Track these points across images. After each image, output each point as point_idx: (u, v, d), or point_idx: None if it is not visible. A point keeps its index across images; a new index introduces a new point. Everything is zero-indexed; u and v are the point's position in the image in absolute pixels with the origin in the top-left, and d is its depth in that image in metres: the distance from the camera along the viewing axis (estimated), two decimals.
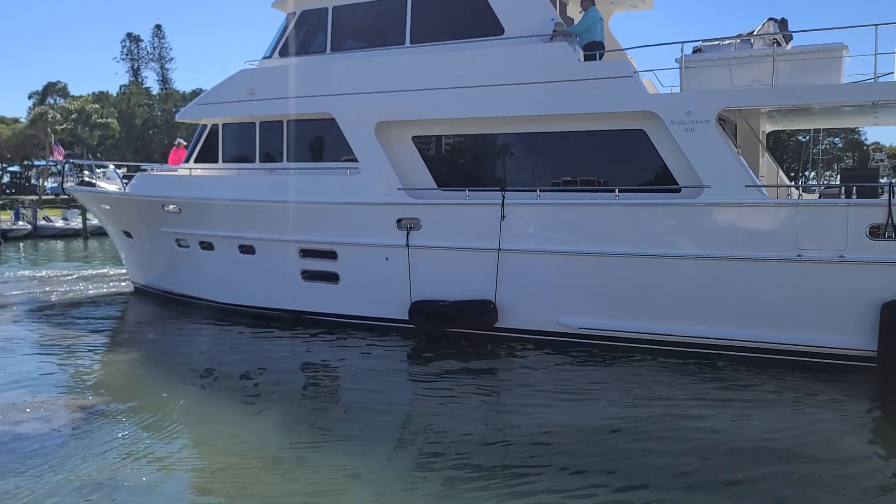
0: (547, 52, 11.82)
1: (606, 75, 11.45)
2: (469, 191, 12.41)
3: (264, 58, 14.49)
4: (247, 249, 14.40)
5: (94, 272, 23.66)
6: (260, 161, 14.43)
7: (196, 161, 15.36)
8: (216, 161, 15.04)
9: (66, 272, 23.59)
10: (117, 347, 12.82)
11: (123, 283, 19.96)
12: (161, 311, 15.81)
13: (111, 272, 23.38)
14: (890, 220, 9.67)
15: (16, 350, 12.37)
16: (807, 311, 10.23)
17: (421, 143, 13.10)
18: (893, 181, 10.11)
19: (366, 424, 8.48)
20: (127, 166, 17.75)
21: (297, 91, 13.61)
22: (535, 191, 11.95)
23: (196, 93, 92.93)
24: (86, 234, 46.67)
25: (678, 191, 11.21)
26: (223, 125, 14.93)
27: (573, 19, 13.53)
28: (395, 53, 13.07)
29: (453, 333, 12.46)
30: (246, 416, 8.84)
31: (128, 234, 17.21)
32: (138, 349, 12.49)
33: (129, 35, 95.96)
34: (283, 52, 14.21)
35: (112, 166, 17.60)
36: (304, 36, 14.11)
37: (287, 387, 10.21)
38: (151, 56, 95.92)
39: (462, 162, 13.05)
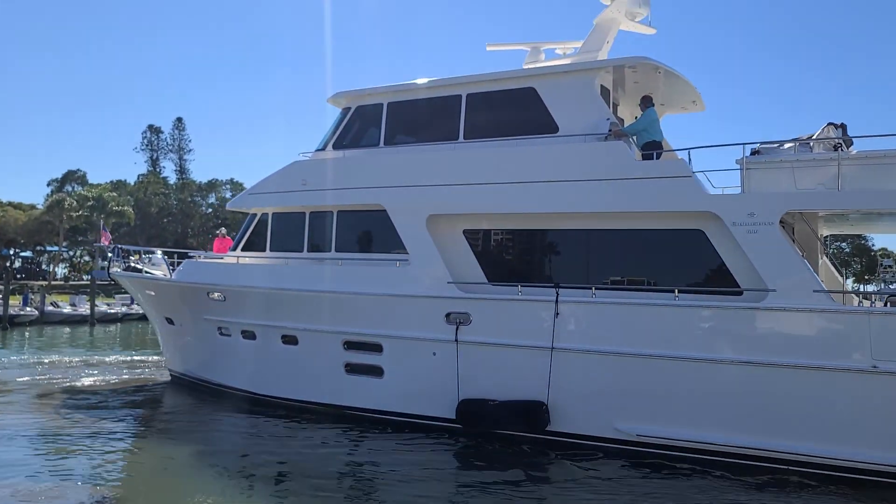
0: (604, 150, 11.89)
1: (665, 174, 11.46)
2: (521, 286, 12.21)
3: (318, 150, 14.67)
4: (289, 340, 14.08)
5: (117, 358, 23.24)
6: (308, 251, 14.34)
7: (243, 249, 15.30)
8: (263, 250, 14.96)
9: (82, 358, 23.17)
10: (145, 439, 12.32)
11: (126, 371, 19.55)
12: (196, 401, 15.32)
13: (127, 359, 22.96)
14: None
15: (30, 436, 11.97)
16: (886, 426, 9.76)
17: (472, 236, 13.02)
18: None
19: None
20: (171, 253, 17.67)
21: (350, 182, 13.70)
22: (591, 288, 11.73)
23: (211, 183, 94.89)
24: (93, 320, 46.29)
25: (740, 293, 10.97)
26: (273, 214, 14.94)
27: (623, 119, 13.74)
28: (449, 148, 13.20)
29: (502, 435, 11.95)
30: None
31: (169, 321, 16.94)
32: (169, 441, 12.02)
33: (150, 127, 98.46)
34: (337, 145, 14.40)
35: (160, 252, 17.55)
36: (358, 130, 14.33)
37: (324, 486, 9.69)
38: (171, 147, 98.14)
39: (514, 257, 12.91)
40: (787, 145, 11.57)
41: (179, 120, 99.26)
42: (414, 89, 13.87)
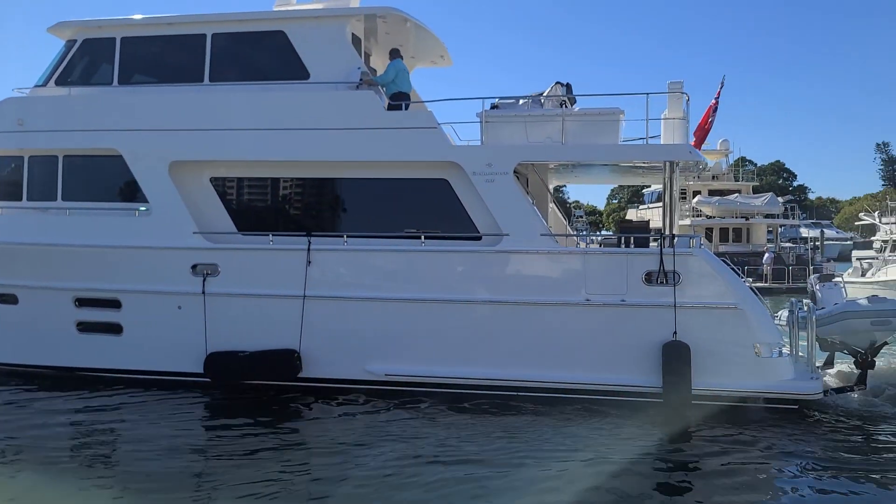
0: (353, 99, 11.94)
1: (411, 125, 11.80)
2: (273, 235, 12.01)
3: (37, 86, 13.00)
4: (7, 299, 12.60)
5: None
6: (28, 199, 12.77)
7: None
8: None
9: None
10: None
11: None
12: None
13: None
14: (661, 268, 10.87)
15: None
16: (598, 351, 11.03)
17: (220, 184, 12.47)
18: (665, 233, 11.38)
19: (148, 492, 7.70)
20: None
21: (79, 124, 12.38)
22: (342, 236, 11.86)
23: None
24: None
25: (479, 238, 11.72)
26: None
27: (376, 70, 13.86)
28: (194, 90, 12.44)
29: (255, 386, 11.82)
30: None
31: None
32: None
33: None
34: (61, 81, 12.86)
35: None
36: (87, 65, 12.93)
37: (59, 458, 8.84)
38: None
39: (265, 205, 12.60)
40: (521, 101, 12.44)
41: None
42: (152, 24, 12.80)
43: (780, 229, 47.14)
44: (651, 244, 11.67)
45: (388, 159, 11.82)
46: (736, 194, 45.09)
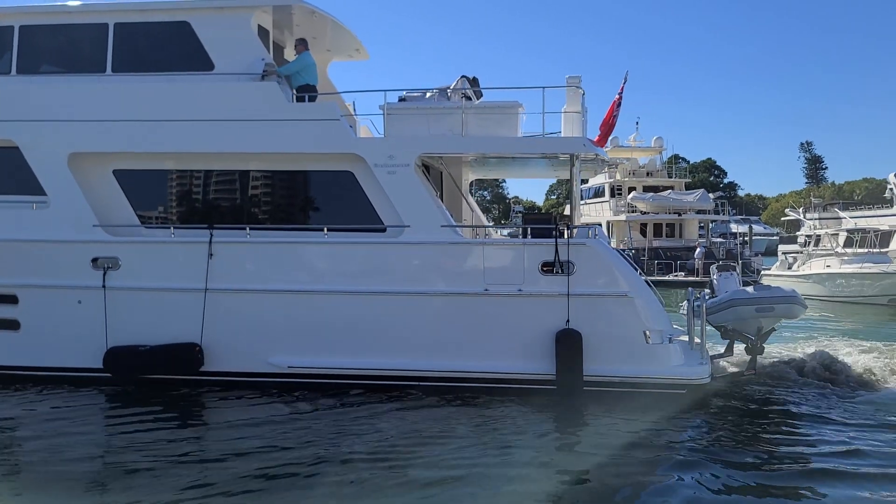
0: (256, 90, 11.91)
1: (314, 117, 11.82)
2: (174, 228, 11.93)
3: None
4: None
5: None
6: None
7: None
8: None
9: None
10: None
11: None
12: None
13: None
14: (556, 258, 11.14)
15: None
16: (495, 341, 11.23)
17: (123, 177, 12.31)
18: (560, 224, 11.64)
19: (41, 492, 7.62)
20: None
21: None
22: (245, 228, 11.85)
23: None
24: None
25: (383, 230, 11.83)
26: None
27: (288, 62, 13.84)
28: (95, 80, 12.25)
29: (156, 380, 11.68)
30: None
31: None
32: None
33: None
34: None
35: None
36: None
37: None
38: None
39: (168, 198, 12.47)
40: (428, 94, 12.59)
41: None
42: (52, 12, 12.54)
43: (711, 225, 48.34)
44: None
45: (290, 151, 11.84)
46: (669, 191, 46.11)
